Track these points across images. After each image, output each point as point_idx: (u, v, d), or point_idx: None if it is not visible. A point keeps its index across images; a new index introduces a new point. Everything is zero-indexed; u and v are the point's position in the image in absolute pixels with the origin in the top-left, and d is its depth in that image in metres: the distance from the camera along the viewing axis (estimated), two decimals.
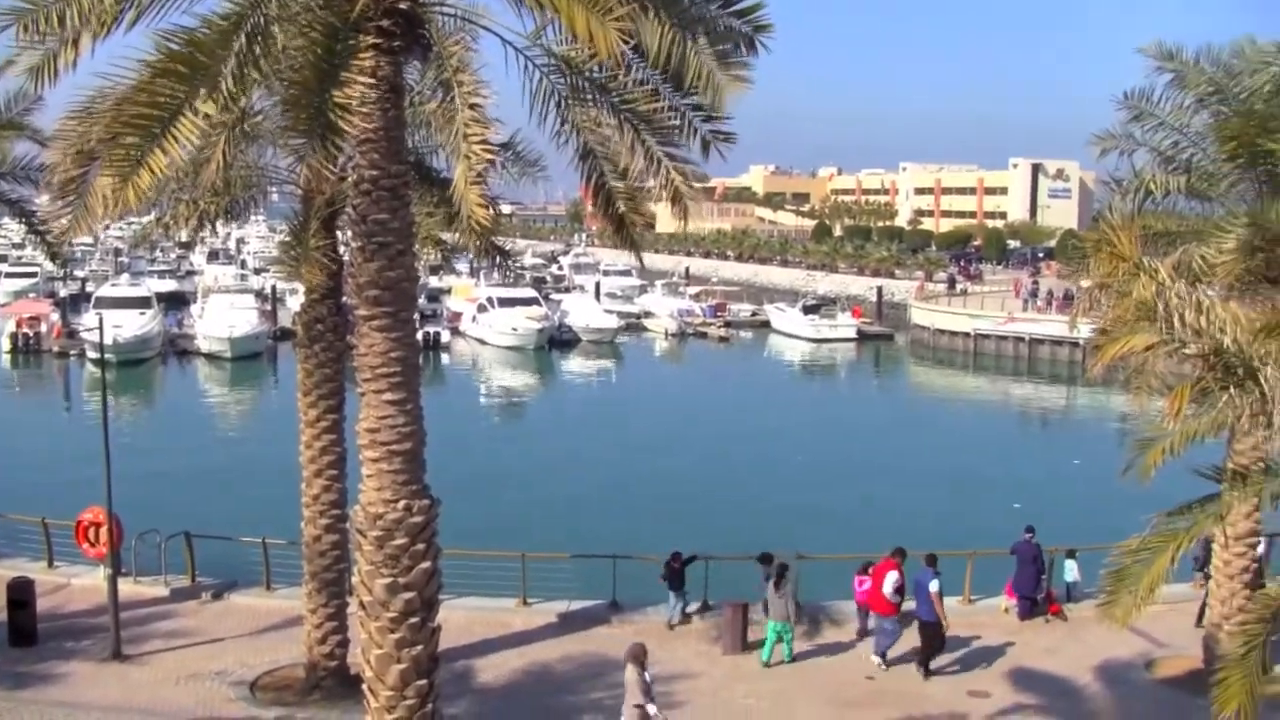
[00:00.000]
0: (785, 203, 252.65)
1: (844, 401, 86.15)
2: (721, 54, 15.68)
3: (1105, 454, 58.34)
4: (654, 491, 50.26)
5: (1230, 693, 14.21)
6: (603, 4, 13.42)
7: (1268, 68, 24.67)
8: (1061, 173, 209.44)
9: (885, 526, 37.08)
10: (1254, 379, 14.24)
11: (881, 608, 27.25)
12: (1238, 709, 14.14)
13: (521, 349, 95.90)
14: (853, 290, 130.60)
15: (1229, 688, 14.27)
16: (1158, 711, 25.11)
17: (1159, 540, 15.31)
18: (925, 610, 26.80)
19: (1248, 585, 25.84)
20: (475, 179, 14.09)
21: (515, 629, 28.58)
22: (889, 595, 26.93)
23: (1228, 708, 14.22)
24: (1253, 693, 14.13)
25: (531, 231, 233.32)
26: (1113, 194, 26.86)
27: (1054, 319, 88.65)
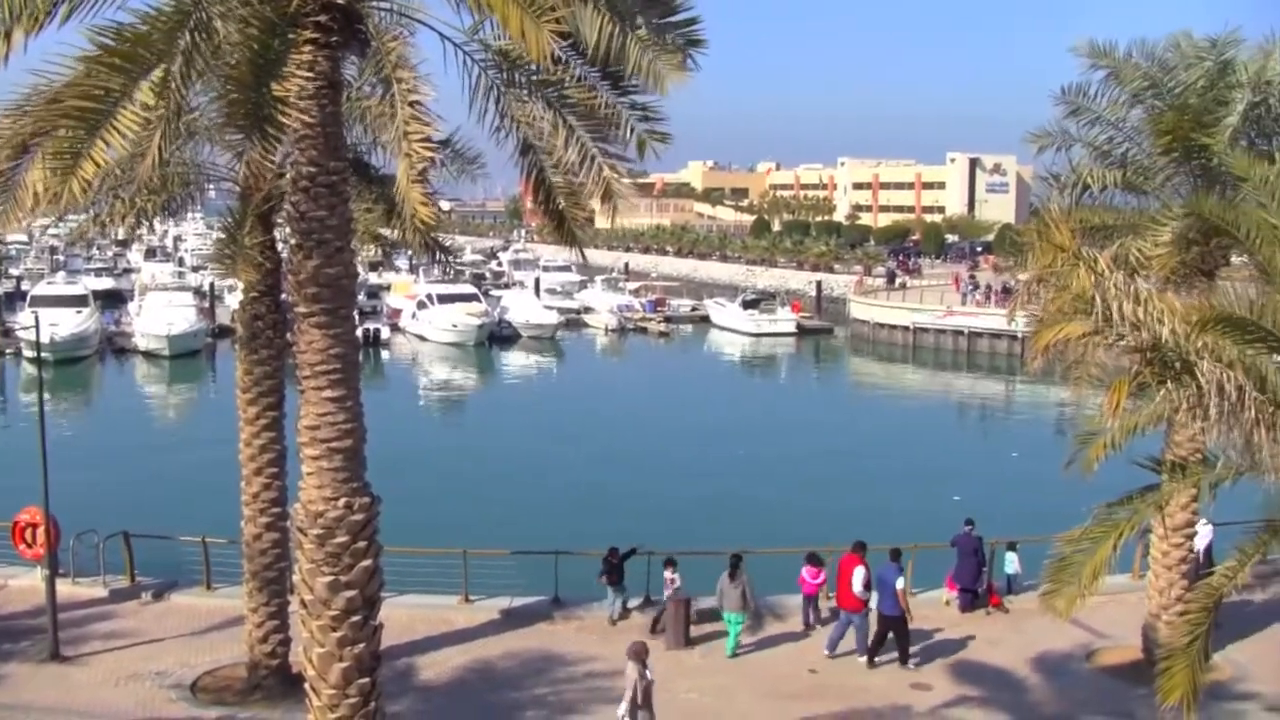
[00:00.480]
0: (724, 198, 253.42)
1: (784, 396, 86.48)
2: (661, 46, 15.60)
3: (1044, 446, 59.21)
4: (595, 487, 50.18)
5: (1174, 682, 14.36)
6: (538, 3, 13.38)
7: (1201, 63, 24.93)
8: (999, 167, 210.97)
9: (826, 520, 37.25)
10: (1190, 373, 14.34)
11: (850, 604, 27.31)
12: (1181, 698, 14.27)
13: (461, 345, 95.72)
14: (792, 285, 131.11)
15: (1173, 677, 14.42)
16: (1098, 701, 25.31)
17: (1100, 531, 15.47)
18: (889, 605, 26.92)
19: (1186, 576, 26.17)
20: (417, 177, 13.98)
21: (457, 626, 28.45)
22: (859, 592, 27.04)
23: (1172, 697, 14.37)
24: (1196, 682, 14.28)
25: (471, 228, 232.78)
26: (1051, 189, 27.07)
27: (992, 312, 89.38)
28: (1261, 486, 15.26)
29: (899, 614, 26.85)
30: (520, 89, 16.49)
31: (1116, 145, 26.57)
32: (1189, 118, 24.35)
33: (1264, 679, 25.62)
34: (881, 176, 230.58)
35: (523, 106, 16.47)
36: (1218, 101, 24.67)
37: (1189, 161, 25.11)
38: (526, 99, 16.50)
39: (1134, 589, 29.75)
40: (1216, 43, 25.06)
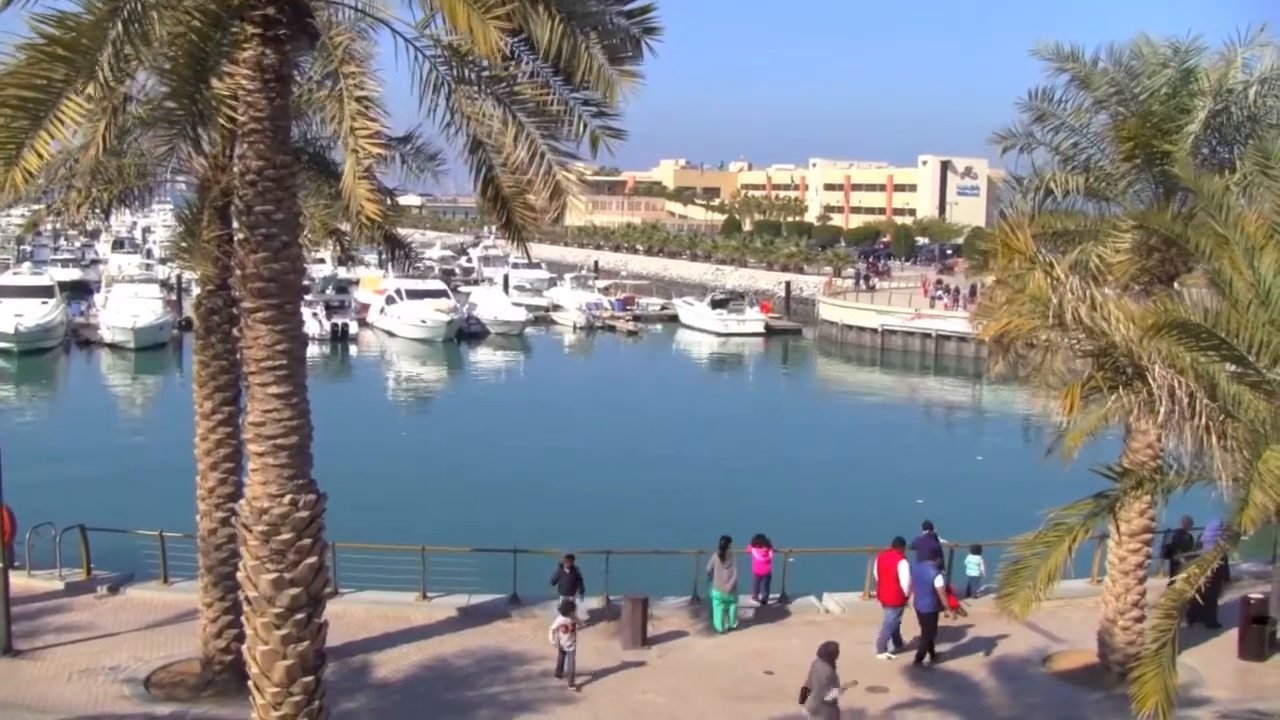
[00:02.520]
0: (695, 197, 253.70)
1: (751, 396, 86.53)
2: (612, 50, 15.52)
3: (1009, 450, 59.47)
4: (558, 485, 50.09)
5: (1147, 690, 14.32)
6: (485, 1, 13.26)
7: (1164, 69, 24.93)
8: (970, 170, 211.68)
9: (790, 522, 37.15)
10: (1142, 378, 14.34)
11: (892, 599, 27.69)
12: (1155, 705, 14.25)
13: (430, 341, 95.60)
14: (761, 285, 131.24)
15: (1145, 684, 14.37)
16: (1053, 705, 25.34)
17: (1054, 535, 15.45)
18: (925, 602, 27.15)
19: (1142, 581, 26.24)
20: (364, 172, 13.86)
21: (415, 623, 28.30)
22: (906, 589, 27.47)
23: (1146, 705, 14.31)
24: (1168, 688, 14.25)
25: (441, 223, 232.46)
26: (1014, 192, 27.05)
27: (960, 315, 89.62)
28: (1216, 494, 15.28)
29: (934, 611, 27.10)
30: (470, 85, 16.34)
31: (1080, 151, 26.56)
32: (1151, 125, 24.34)
33: (1217, 684, 25.72)
34: (853, 178, 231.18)
35: (473, 103, 16.31)
36: (1180, 109, 24.67)
37: (1151, 169, 25.10)
38: (477, 95, 16.36)
39: (1091, 593, 29.83)
40: (1179, 49, 25.04)
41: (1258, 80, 24.72)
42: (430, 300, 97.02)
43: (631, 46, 15.77)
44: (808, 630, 29.16)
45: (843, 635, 28.59)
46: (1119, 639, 26.08)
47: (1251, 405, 14.80)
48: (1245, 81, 24.75)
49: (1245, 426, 14.58)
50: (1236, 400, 14.78)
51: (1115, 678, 25.54)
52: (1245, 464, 14.07)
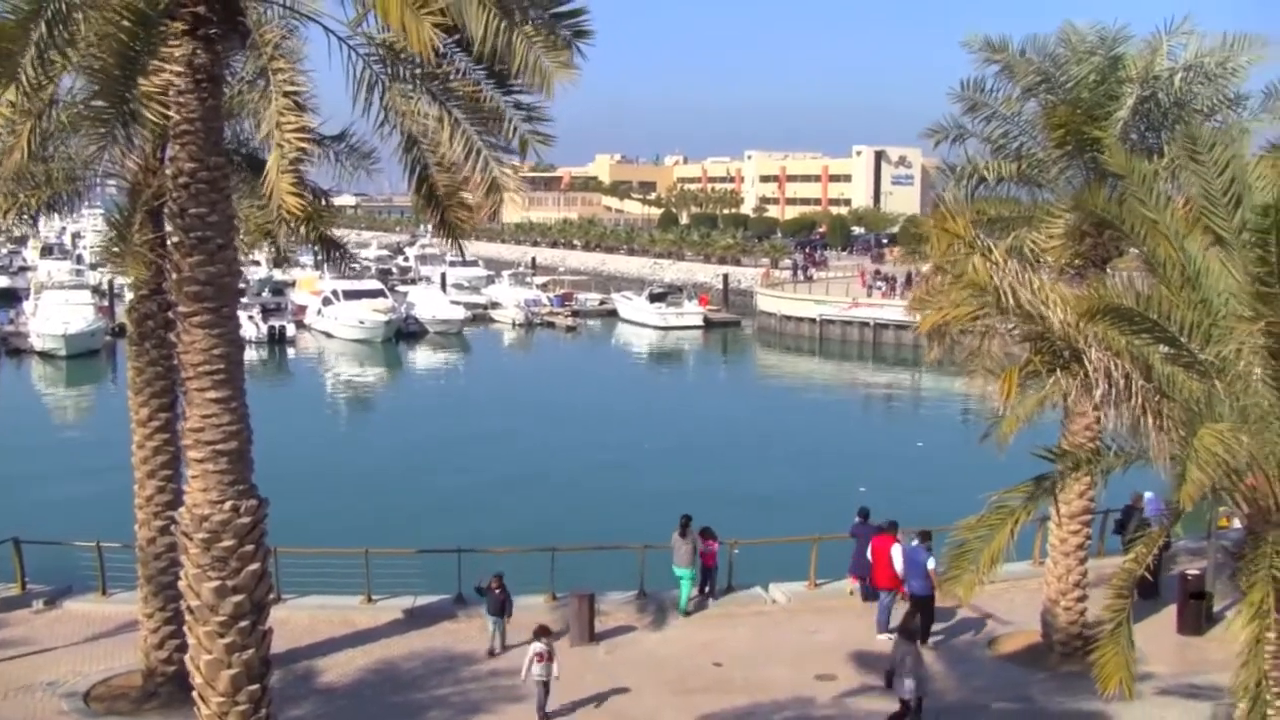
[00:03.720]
0: (632, 191, 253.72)
1: (692, 388, 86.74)
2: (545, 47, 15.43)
3: (949, 436, 59.81)
4: (501, 483, 49.99)
5: (1109, 668, 14.46)
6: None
7: (1091, 57, 25.17)
8: (904, 160, 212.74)
9: (733, 513, 37.22)
10: (1079, 360, 14.46)
11: (887, 582, 28.14)
12: (1119, 682, 14.39)
13: (368, 341, 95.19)
14: (699, 278, 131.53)
15: (1106, 663, 14.51)
16: (999, 687, 25.54)
17: (997, 518, 15.55)
18: (919, 585, 27.38)
19: (1083, 562, 26.51)
20: (289, 167, 13.73)
21: (360, 627, 28.13)
22: (900, 571, 27.81)
23: (1110, 684, 14.45)
24: (1129, 664, 14.38)
25: (377, 223, 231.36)
26: (949, 180, 27.24)
27: (897, 304, 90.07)
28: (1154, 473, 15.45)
29: (928, 593, 27.26)
30: (405, 83, 16.23)
31: (1012, 139, 26.78)
32: (1081, 112, 24.59)
33: (1157, 659, 25.99)
34: (788, 169, 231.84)
35: (407, 100, 16.19)
36: (1108, 96, 24.94)
37: (1081, 154, 25.33)
38: (411, 93, 16.24)
39: (1034, 575, 30.10)
40: (1106, 38, 25.31)
41: (1183, 67, 25.16)
42: (368, 300, 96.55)
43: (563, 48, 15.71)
44: (755, 621, 29.35)
45: (789, 624, 29.01)
46: (1062, 619, 26.33)
47: (1185, 385, 14.96)
48: (1171, 68, 25.17)
49: (1180, 406, 14.74)
50: (1171, 381, 14.93)
51: (1059, 657, 25.81)
52: (1181, 442, 14.22)
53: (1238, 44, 24.90)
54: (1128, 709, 23.69)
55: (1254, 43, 24.94)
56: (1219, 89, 25.20)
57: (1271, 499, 14.74)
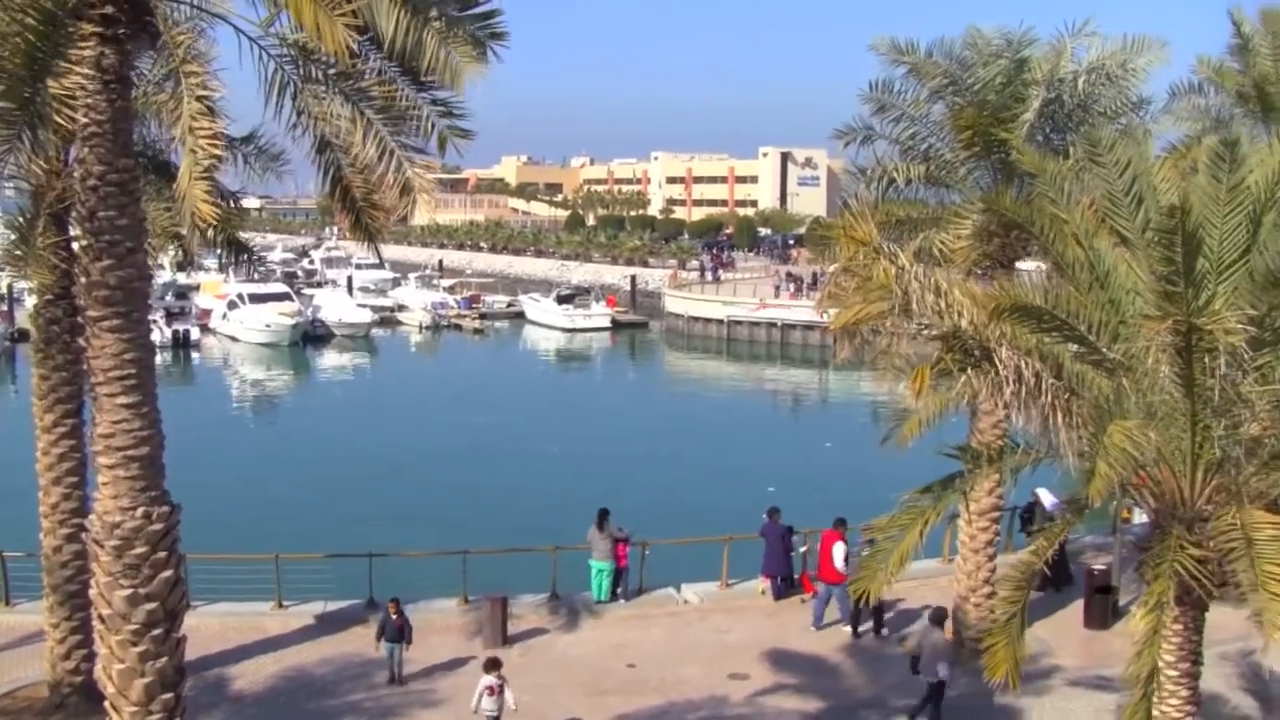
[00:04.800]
0: (538, 193, 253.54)
1: (601, 390, 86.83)
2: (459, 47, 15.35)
3: (857, 436, 60.26)
4: (411, 487, 49.79)
5: (998, 659, 14.71)
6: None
7: (998, 60, 25.51)
8: (810, 161, 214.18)
9: (644, 514, 37.27)
10: (990, 359, 14.65)
11: (832, 577, 28.48)
12: (1005, 673, 14.63)
13: (275, 345, 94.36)
14: (607, 279, 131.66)
15: (996, 654, 14.76)
16: (910, 684, 25.74)
17: (908, 517, 15.71)
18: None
19: (992, 559, 26.87)
20: (202, 174, 13.56)
21: (271, 633, 27.84)
22: (840, 566, 28.13)
23: (996, 674, 14.71)
24: (1017, 657, 14.66)
25: (282, 225, 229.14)
26: (857, 182, 27.45)
27: (804, 304, 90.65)
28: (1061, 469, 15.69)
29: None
30: (317, 84, 16.07)
31: (920, 140, 27.03)
32: (987, 114, 24.92)
33: (1065, 653, 26.47)
34: (695, 170, 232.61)
35: (320, 102, 16.04)
36: (1014, 98, 25.28)
37: (989, 156, 25.68)
38: (324, 94, 16.08)
39: (944, 572, 30.49)
40: (1012, 40, 25.66)
41: (1086, 70, 25.54)
42: (274, 304, 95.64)
43: (477, 49, 15.64)
44: (668, 621, 29.43)
45: (702, 624, 29.12)
46: (972, 615, 26.67)
47: (1094, 383, 15.22)
48: (1075, 71, 25.54)
49: (1089, 403, 14.98)
50: (1080, 378, 15.18)
51: (970, 653, 26.07)
52: (1090, 439, 14.45)
53: (1138, 46, 25.36)
54: (1036, 701, 24.15)
55: (1153, 45, 25.42)
56: (1121, 91, 25.68)
57: (1177, 493, 15.05)
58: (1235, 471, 14.69)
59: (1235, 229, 14.64)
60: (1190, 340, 13.33)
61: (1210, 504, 14.78)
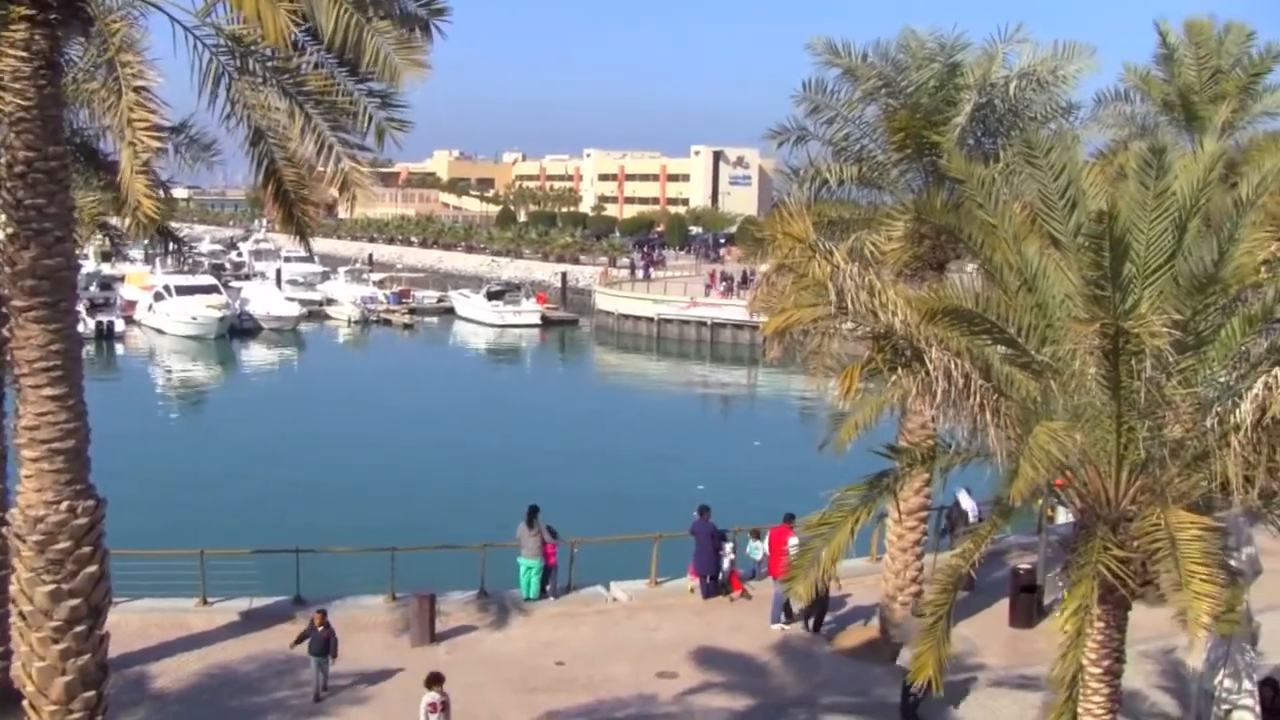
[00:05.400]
0: (470, 188, 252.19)
1: (531, 387, 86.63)
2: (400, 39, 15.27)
3: (786, 435, 60.62)
4: (339, 483, 49.45)
5: (923, 660, 14.86)
6: None
7: (931, 64, 25.70)
8: (742, 160, 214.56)
9: (573, 511, 37.25)
10: (920, 360, 14.75)
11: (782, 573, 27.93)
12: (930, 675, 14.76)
13: (201, 338, 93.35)
14: (538, 276, 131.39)
15: (921, 655, 14.90)
16: (838, 682, 25.95)
17: (838, 516, 15.80)
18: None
19: (919, 557, 27.08)
20: (142, 167, 13.39)
21: (195, 630, 27.50)
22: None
23: (921, 675, 14.85)
24: (942, 659, 14.80)
25: (210, 217, 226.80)
26: (791, 182, 27.53)
27: (735, 303, 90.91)
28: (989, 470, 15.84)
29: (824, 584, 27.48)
30: (254, 75, 15.91)
31: (853, 141, 27.16)
32: (920, 116, 25.16)
33: (991, 652, 26.72)
34: (627, 168, 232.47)
35: (256, 94, 15.87)
36: (947, 101, 25.50)
37: (921, 158, 25.92)
38: (260, 86, 15.92)
39: (872, 571, 30.65)
40: (945, 45, 25.87)
41: (1017, 75, 25.79)
42: (201, 296, 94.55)
43: (420, 31, 15.56)
44: (596, 619, 29.42)
45: (630, 622, 29.14)
46: (899, 614, 26.86)
47: (1022, 385, 15.41)
48: (1006, 76, 25.79)
49: (1017, 405, 15.15)
50: (1008, 380, 15.36)
51: (897, 651, 26.30)
52: (1017, 440, 14.61)
53: (1068, 53, 25.65)
54: (962, 701, 24.33)
55: (1083, 52, 25.72)
56: (1051, 96, 25.98)
57: (1102, 494, 15.24)
58: (1159, 472, 14.91)
59: (1161, 235, 14.91)
60: (1117, 343, 13.53)
61: (1134, 505, 15.00)
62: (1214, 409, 14.39)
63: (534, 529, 29.89)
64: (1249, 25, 34.11)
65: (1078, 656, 14.48)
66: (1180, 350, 14.30)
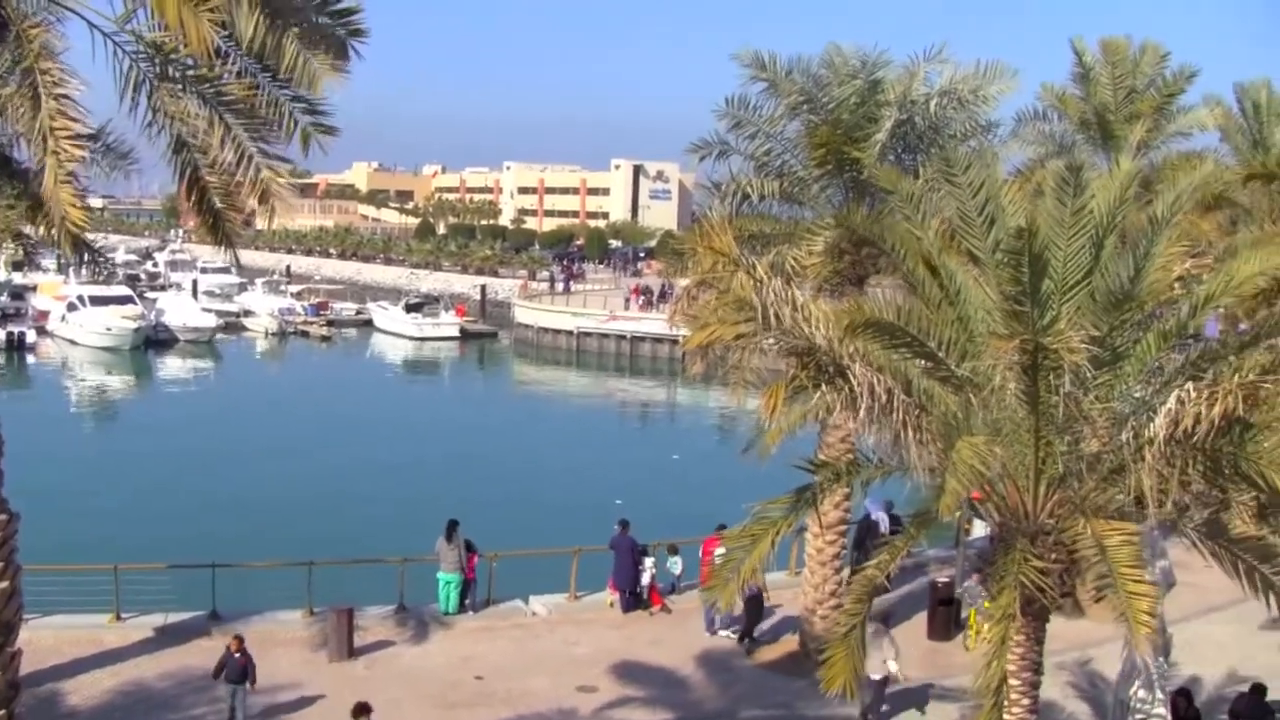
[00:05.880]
0: (389, 200, 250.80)
1: (449, 400, 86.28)
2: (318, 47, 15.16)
3: (705, 449, 60.82)
4: (255, 497, 48.95)
5: (835, 670, 14.94)
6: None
7: (853, 80, 25.89)
8: (661, 174, 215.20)
9: (492, 525, 37.14)
10: (843, 375, 14.85)
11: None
12: (843, 685, 14.84)
13: (116, 350, 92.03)
14: (457, 288, 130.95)
15: (834, 666, 15.00)
16: (758, 695, 26.03)
17: (759, 529, 15.87)
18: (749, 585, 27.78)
19: (838, 571, 27.21)
20: (66, 177, 13.21)
21: (109, 646, 27.06)
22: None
23: (834, 684, 14.94)
24: (855, 669, 14.90)
25: (125, 226, 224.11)
26: (712, 197, 27.61)
27: (654, 317, 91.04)
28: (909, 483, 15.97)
29: (755, 593, 27.61)
30: (175, 83, 15.74)
31: (775, 157, 27.29)
32: (841, 132, 25.34)
33: (909, 664, 26.80)
34: (547, 181, 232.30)
35: (177, 102, 15.70)
36: (868, 118, 25.70)
37: (841, 174, 26.12)
38: (181, 94, 15.75)
39: (791, 584, 30.81)
40: (867, 62, 26.06)
41: (938, 93, 26.07)
42: (116, 307, 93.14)
43: (337, 48, 15.46)
44: (516, 633, 29.36)
45: (550, 636, 29.10)
46: (818, 627, 26.91)
47: (944, 399, 15.56)
48: (927, 94, 26.04)
49: (939, 419, 15.30)
50: (930, 395, 15.50)
51: (816, 664, 26.29)
52: (940, 454, 14.75)
53: (990, 73, 25.98)
54: (883, 713, 24.48)
55: (1004, 72, 26.06)
56: (972, 115, 26.28)
57: (1022, 508, 15.41)
58: (1077, 486, 15.10)
59: (1079, 251, 15.10)
60: (1036, 359, 13.69)
61: (1052, 518, 15.18)
62: (1129, 423, 14.58)
63: (453, 543, 29.77)
64: (1163, 46, 34.71)
65: (1003, 666, 14.59)
66: (1097, 366, 14.51)
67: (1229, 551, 14.77)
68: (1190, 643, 25.44)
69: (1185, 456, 13.65)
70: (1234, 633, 27.81)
